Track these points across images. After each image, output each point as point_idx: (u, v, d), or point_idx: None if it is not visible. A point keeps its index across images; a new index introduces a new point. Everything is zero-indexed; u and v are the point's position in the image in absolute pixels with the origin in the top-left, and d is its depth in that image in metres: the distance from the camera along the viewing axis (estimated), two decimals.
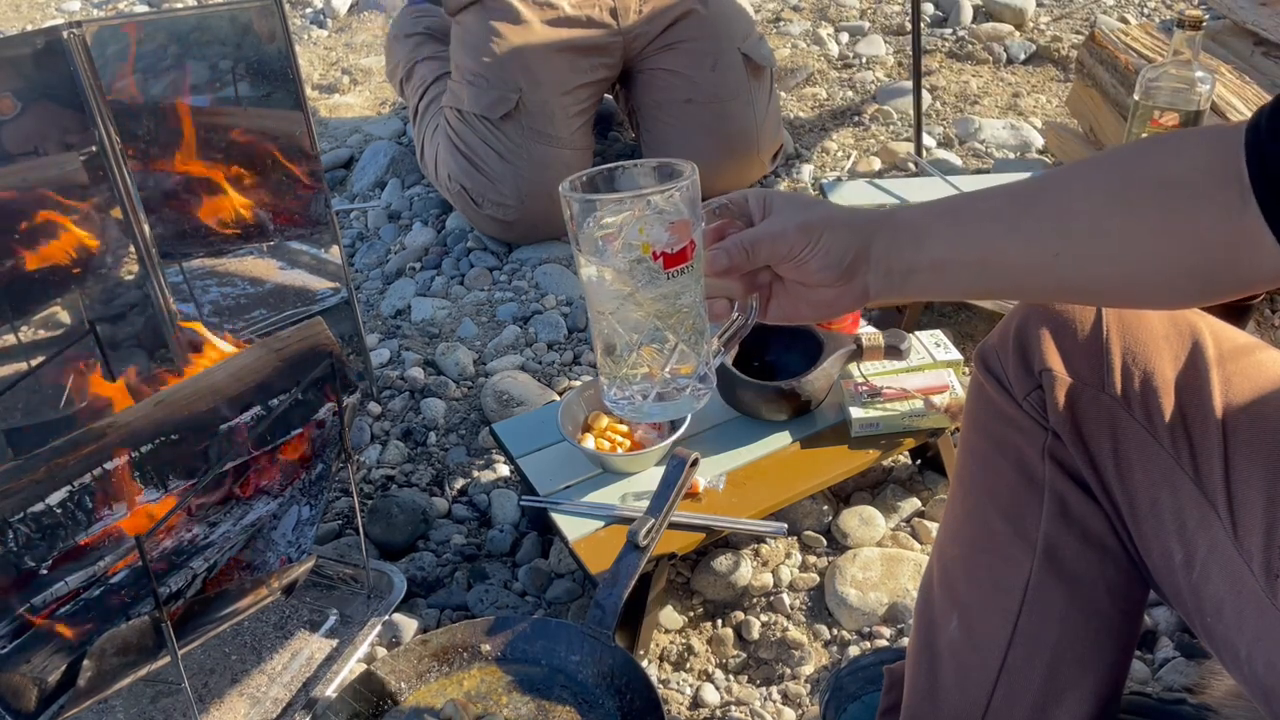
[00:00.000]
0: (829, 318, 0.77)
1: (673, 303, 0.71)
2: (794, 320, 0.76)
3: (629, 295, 0.70)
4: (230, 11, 1.35)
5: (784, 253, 0.70)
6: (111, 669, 0.92)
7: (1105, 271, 0.64)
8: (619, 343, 0.73)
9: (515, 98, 1.88)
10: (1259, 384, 0.71)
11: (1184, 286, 0.64)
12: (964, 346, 1.62)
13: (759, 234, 0.71)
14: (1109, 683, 0.82)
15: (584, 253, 0.70)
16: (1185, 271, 0.62)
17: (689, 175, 0.69)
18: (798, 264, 0.70)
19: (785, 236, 0.70)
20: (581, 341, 1.77)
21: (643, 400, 0.74)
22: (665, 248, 0.69)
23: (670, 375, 0.74)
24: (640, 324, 0.72)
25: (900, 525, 1.37)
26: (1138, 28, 2.15)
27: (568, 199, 0.69)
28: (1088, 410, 0.75)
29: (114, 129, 1.24)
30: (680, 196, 0.69)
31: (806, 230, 0.69)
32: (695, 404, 0.75)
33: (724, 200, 0.75)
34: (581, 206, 0.69)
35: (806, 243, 0.69)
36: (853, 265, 0.70)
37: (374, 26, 3.22)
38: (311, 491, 1.15)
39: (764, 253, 0.71)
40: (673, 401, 0.74)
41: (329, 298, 1.53)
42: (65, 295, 1.30)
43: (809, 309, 0.74)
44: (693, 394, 0.75)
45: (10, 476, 0.93)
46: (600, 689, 1.09)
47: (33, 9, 3.55)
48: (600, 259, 0.70)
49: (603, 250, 0.70)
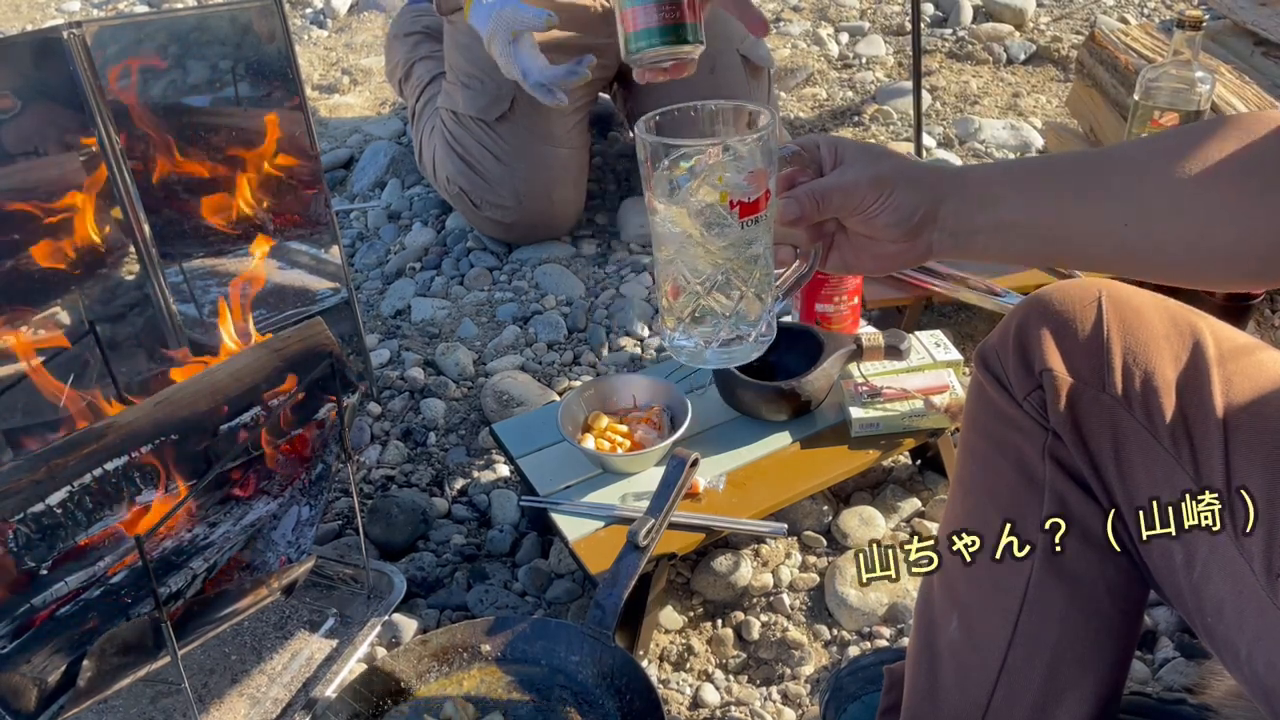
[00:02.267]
0: (889, 271, 0.77)
1: (743, 251, 0.70)
2: (853, 271, 0.76)
3: (699, 241, 0.70)
4: (230, 12, 1.35)
5: (854, 205, 0.70)
6: (111, 669, 0.92)
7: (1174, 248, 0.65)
8: (685, 288, 0.72)
9: (510, 99, 1.88)
10: (1259, 384, 0.71)
11: (1252, 268, 0.65)
12: (964, 346, 1.62)
13: (830, 185, 0.70)
14: (1109, 683, 0.82)
15: (656, 196, 0.69)
16: (1255, 253, 0.64)
17: (769, 124, 0.68)
18: (866, 218, 0.70)
19: (857, 189, 0.69)
20: (581, 341, 1.77)
21: (705, 346, 0.74)
22: (742, 196, 0.68)
23: (735, 323, 0.73)
24: (709, 270, 0.71)
25: (900, 525, 1.37)
26: (1138, 28, 2.15)
27: (643, 140, 0.68)
28: (1088, 410, 0.75)
29: (114, 129, 1.24)
30: (760, 145, 0.68)
31: (878, 184, 0.69)
32: (755, 352, 0.75)
33: (795, 147, 0.74)
34: (657, 149, 0.68)
35: (877, 197, 0.69)
36: (920, 223, 0.69)
37: (374, 26, 3.22)
38: (311, 492, 1.15)
39: (834, 204, 0.70)
40: (735, 349, 0.74)
41: (329, 298, 1.53)
42: (65, 295, 1.30)
43: (870, 261, 0.74)
44: (756, 342, 0.74)
45: (10, 476, 0.93)
46: (600, 689, 1.09)
47: (33, 9, 3.55)
48: (673, 203, 0.69)
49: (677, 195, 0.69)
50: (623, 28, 0.97)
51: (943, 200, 0.70)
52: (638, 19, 0.95)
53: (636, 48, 0.96)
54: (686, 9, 0.95)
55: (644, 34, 0.95)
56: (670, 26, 0.95)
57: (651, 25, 0.95)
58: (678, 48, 0.96)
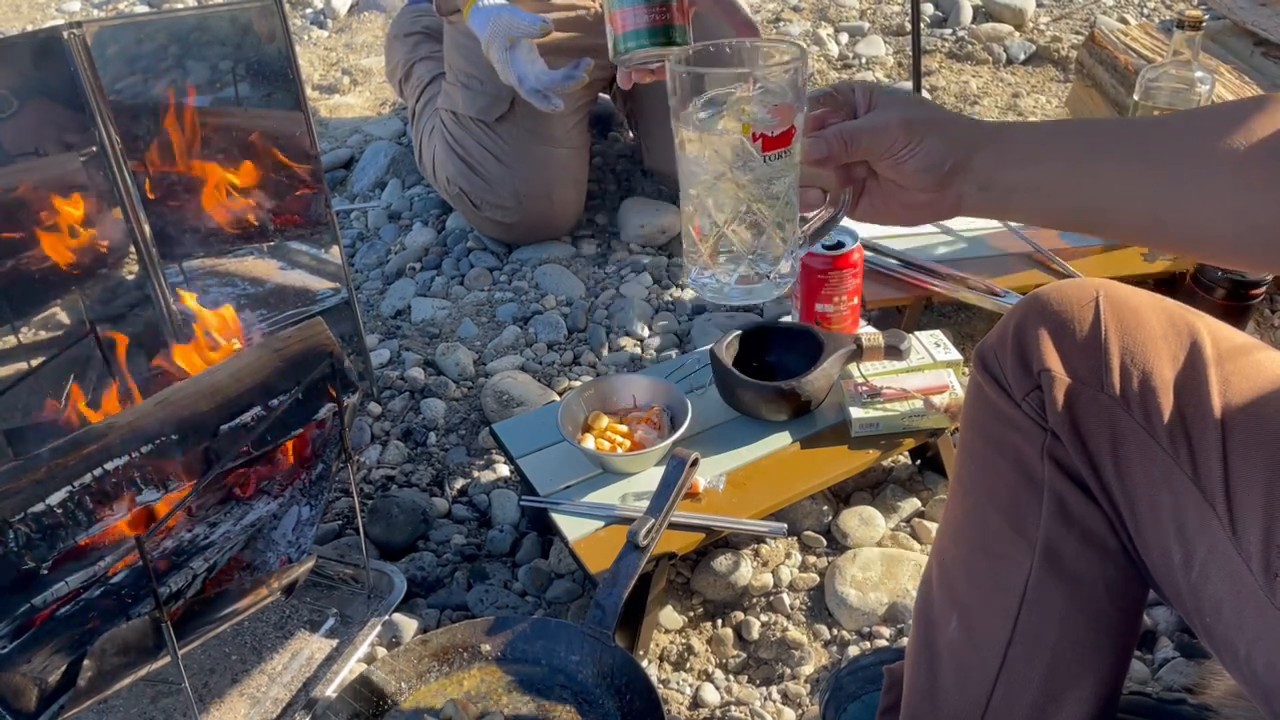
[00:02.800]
0: (918, 221, 0.77)
1: (766, 187, 0.70)
2: (884, 220, 0.75)
3: (723, 174, 0.70)
4: (230, 12, 1.35)
5: (884, 149, 0.69)
6: (112, 669, 0.92)
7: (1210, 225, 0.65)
8: (707, 222, 0.72)
9: (509, 99, 1.88)
10: (1258, 384, 0.71)
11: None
12: (964, 346, 1.62)
13: (860, 126, 0.70)
14: (1109, 682, 0.82)
15: (683, 126, 0.69)
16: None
17: (797, 58, 0.68)
18: (896, 163, 0.69)
19: (887, 132, 0.69)
20: (581, 341, 1.77)
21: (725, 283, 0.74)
22: (766, 130, 0.68)
23: (755, 259, 0.73)
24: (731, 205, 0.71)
25: (900, 525, 1.37)
26: (1137, 28, 2.15)
27: (674, 72, 0.68)
28: (1087, 410, 0.75)
29: (114, 129, 1.24)
30: (786, 78, 0.67)
31: (909, 129, 0.68)
32: (776, 291, 0.75)
33: (829, 89, 0.73)
34: (685, 80, 0.68)
35: (907, 142, 0.68)
36: (950, 173, 0.69)
37: (374, 27, 3.22)
38: (312, 491, 1.15)
39: (863, 146, 0.69)
40: (754, 286, 0.74)
41: (329, 298, 1.53)
42: (65, 295, 1.30)
43: (901, 210, 0.73)
44: (775, 281, 0.74)
45: (11, 476, 0.93)
46: (600, 689, 1.09)
47: (33, 9, 3.55)
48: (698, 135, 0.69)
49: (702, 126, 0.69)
50: (612, 29, 0.97)
51: (975, 152, 0.69)
52: (627, 20, 0.96)
53: (625, 49, 0.97)
54: (675, 11, 0.96)
55: (633, 35, 0.96)
56: (659, 28, 0.95)
57: (640, 27, 0.95)
58: (667, 49, 0.96)
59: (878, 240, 1.69)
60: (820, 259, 1.41)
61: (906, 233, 1.75)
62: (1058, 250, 1.67)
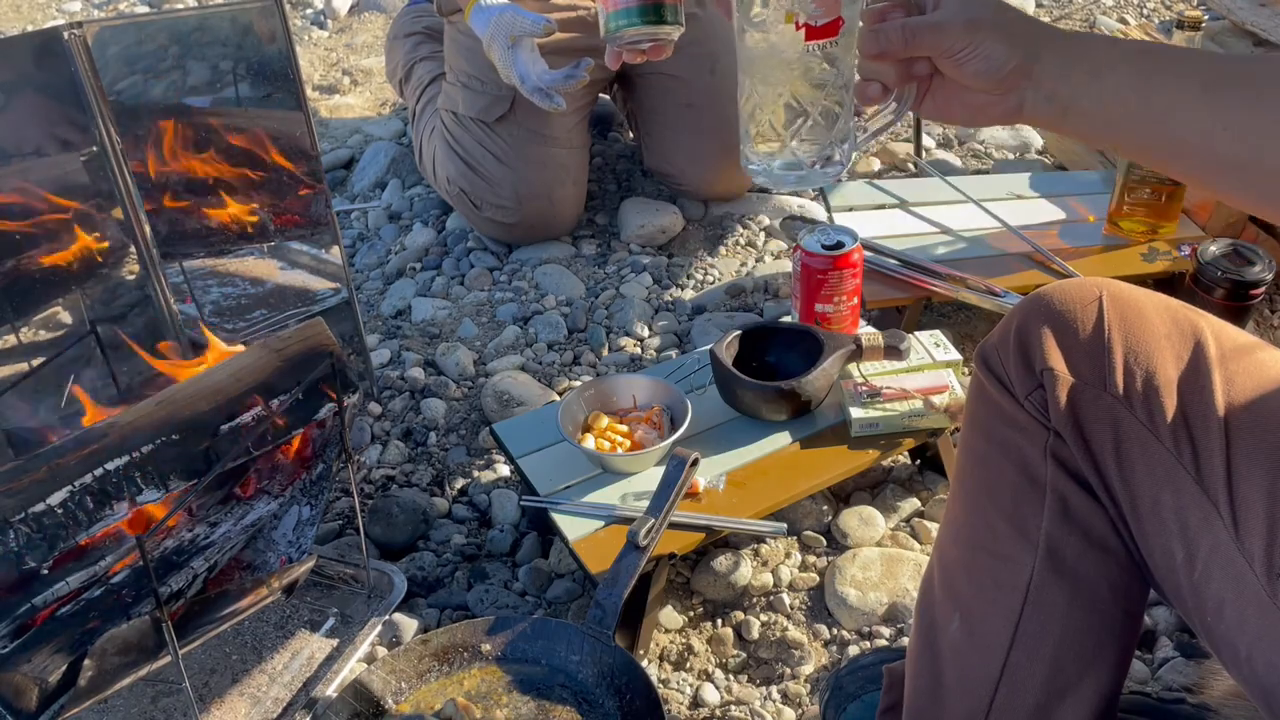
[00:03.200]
0: (980, 123, 0.76)
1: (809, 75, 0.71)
2: (946, 119, 0.74)
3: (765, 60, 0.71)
4: (231, 12, 1.35)
5: (944, 47, 0.68)
6: (112, 669, 0.92)
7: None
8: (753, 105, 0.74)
9: (510, 99, 1.88)
10: (1261, 383, 0.71)
11: None
12: (964, 346, 1.62)
13: (921, 22, 0.69)
14: (1110, 682, 0.82)
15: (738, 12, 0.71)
16: None
17: None
18: (956, 62, 0.68)
19: (948, 30, 0.68)
20: (581, 341, 1.77)
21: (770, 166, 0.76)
22: (809, 19, 0.69)
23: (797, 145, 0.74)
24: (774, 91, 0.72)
25: (900, 525, 1.37)
26: (1137, 28, 2.15)
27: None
28: (1089, 410, 0.75)
29: (114, 129, 1.24)
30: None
31: (971, 28, 0.67)
32: (824, 179, 0.77)
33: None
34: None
35: (968, 41, 0.67)
36: (1012, 76, 0.67)
37: (374, 27, 3.22)
38: (312, 491, 1.15)
39: (923, 43, 0.68)
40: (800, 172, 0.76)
41: (329, 298, 1.53)
42: (66, 296, 1.30)
43: (961, 110, 0.72)
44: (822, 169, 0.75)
45: (11, 476, 0.93)
46: (600, 689, 1.09)
47: (33, 9, 3.55)
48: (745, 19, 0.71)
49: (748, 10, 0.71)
50: (602, 7, 0.96)
51: (1038, 57, 0.67)
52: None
53: (616, 26, 0.95)
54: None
55: (623, 13, 0.95)
56: (650, 6, 0.94)
57: (631, 5, 0.94)
58: (658, 28, 0.95)
59: (878, 240, 1.70)
60: (820, 259, 1.41)
61: (906, 233, 1.76)
62: (1057, 250, 1.67)
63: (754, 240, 2.01)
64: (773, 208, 2.07)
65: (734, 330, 1.41)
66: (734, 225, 2.04)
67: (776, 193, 2.08)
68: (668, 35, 0.97)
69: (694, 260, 1.96)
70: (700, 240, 2.03)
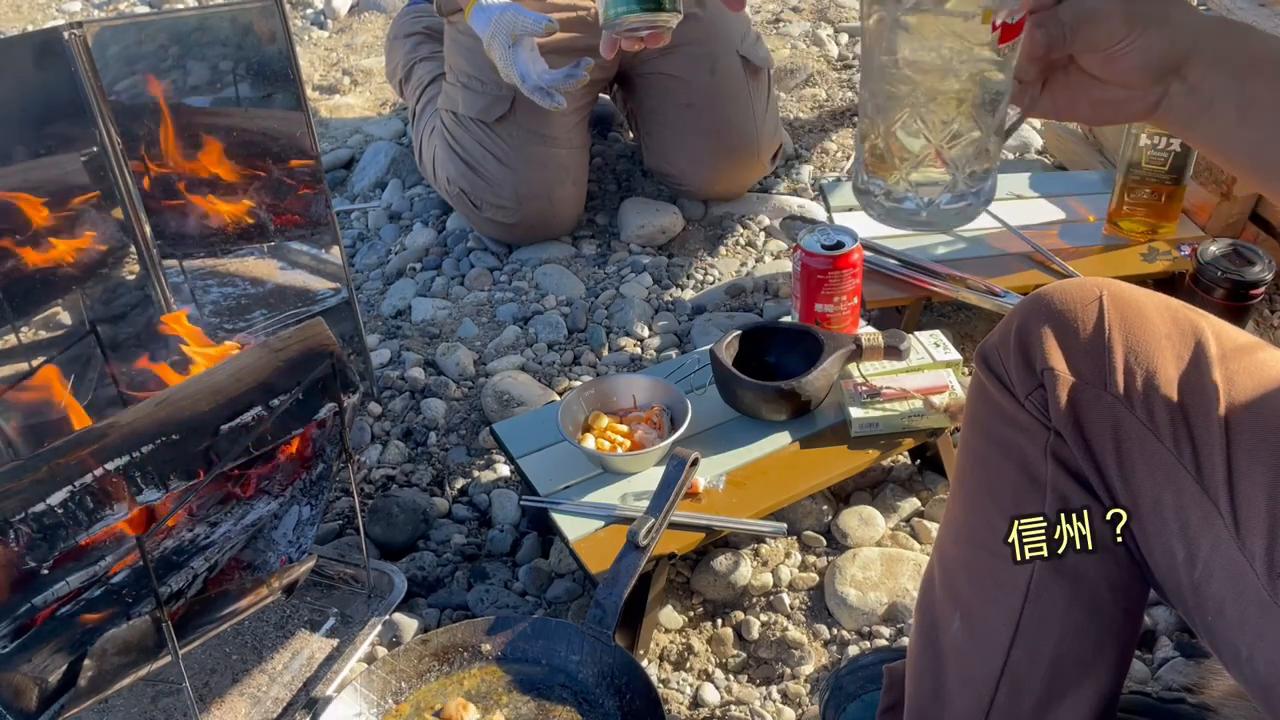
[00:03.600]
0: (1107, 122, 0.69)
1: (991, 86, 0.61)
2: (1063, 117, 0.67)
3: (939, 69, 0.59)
4: (231, 12, 1.35)
5: (1103, 40, 0.62)
6: (112, 669, 0.92)
7: None
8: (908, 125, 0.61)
9: (510, 100, 1.88)
10: (1261, 383, 0.71)
11: None
12: (963, 346, 1.62)
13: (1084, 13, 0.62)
14: (1110, 681, 0.82)
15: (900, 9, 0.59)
16: None
17: None
18: (1111, 55, 0.63)
19: (1110, 21, 0.62)
20: (581, 341, 1.77)
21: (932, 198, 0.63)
22: (1007, 16, 0.58)
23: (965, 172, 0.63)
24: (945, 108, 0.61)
25: (900, 525, 1.38)
26: None
27: None
28: (1090, 409, 0.75)
29: (114, 129, 1.24)
30: None
31: (1132, 20, 0.62)
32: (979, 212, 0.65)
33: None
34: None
35: (1127, 34, 0.62)
36: (1165, 70, 0.63)
37: (375, 27, 3.22)
38: (312, 491, 1.15)
39: (1082, 38, 0.63)
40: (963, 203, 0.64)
41: (329, 298, 1.53)
42: (66, 296, 1.30)
43: (1089, 107, 0.66)
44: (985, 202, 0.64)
45: (11, 476, 0.93)
46: (600, 689, 1.09)
47: (33, 9, 3.55)
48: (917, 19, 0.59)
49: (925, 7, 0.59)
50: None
51: (1196, 50, 0.62)
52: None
53: (615, 13, 0.94)
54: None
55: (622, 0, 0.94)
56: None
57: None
58: (656, 15, 0.93)
59: (878, 240, 1.69)
60: (820, 259, 1.41)
61: (906, 233, 1.76)
62: (1057, 250, 1.67)
63: (754, 240, 2.01)
64: (773, 208, 2.07)
65: (734, 330, 1.41)
66: (734, 225, 2.04)
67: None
68: (666, 23, 0.95)
69: (694, 260, 1.96)
70: (700, 240, 2.03)
